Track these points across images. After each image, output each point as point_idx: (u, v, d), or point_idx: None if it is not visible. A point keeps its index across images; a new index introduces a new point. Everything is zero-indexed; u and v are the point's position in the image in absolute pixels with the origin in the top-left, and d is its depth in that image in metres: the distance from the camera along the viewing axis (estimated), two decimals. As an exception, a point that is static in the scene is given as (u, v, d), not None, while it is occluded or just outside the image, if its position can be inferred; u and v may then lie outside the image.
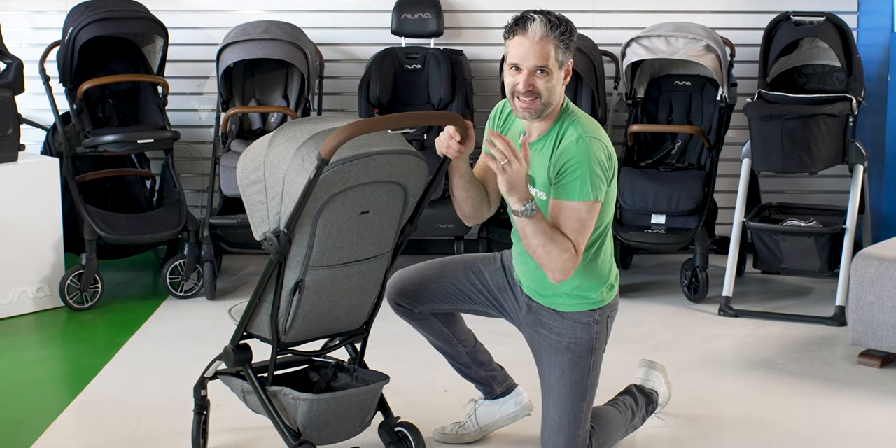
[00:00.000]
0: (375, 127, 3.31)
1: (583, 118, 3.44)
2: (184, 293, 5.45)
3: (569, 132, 3.40)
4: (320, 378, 3.71)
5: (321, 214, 3.30)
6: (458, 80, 5.76)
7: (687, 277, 5.41)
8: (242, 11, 6.09)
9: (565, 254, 3.32)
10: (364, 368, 3.71)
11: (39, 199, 5.27)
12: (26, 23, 6.11)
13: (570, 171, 3.35)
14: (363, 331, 3.68)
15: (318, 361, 3.74)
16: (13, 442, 3.89)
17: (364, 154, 3.28)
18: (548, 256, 3.33)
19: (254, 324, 3.50)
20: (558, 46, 3.36)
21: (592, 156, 3.35)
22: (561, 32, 3.36)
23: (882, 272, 4.46)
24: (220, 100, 5.65)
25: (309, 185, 3.21)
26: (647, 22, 5.81)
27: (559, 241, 3.32)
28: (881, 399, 4.27)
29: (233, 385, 3.64)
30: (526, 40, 3.35)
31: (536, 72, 3.35)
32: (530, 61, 3.35)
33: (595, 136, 3.38)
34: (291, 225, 3.28)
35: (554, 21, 3.37)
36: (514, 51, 3.38)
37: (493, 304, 3.69)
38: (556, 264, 3.33)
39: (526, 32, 3.35)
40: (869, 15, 5.89)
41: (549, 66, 3.35)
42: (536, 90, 3.36)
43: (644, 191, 5.40)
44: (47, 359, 4.81)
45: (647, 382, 3.98)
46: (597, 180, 3.35)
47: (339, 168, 3.24)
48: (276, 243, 3.31)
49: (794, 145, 5.12)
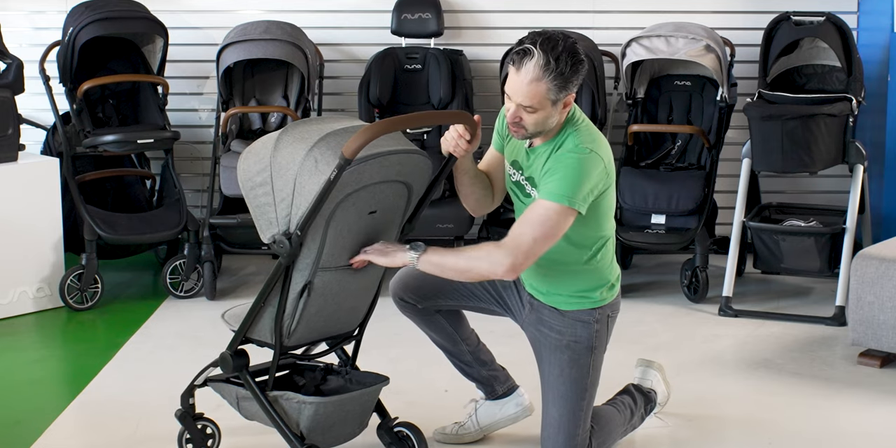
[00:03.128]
0: (396, 127, 3.30)
1: (585, 129, 3.42)
2: (184, 293, 5.45)
3: (568, 140, 3.38)
4: (307, 381, 3.64)
5: (334, 215, 3.29)
6: (458, 80, 5.76)
7: (687, 277, 5.41)
8: (242, 11, 6.09)
9: (488, 254, 3.29)
10: (356, 370, 3.69)
11: (39, 199, 5.27)
12: (26, 23, 6.11)
13: (555, 172, 3.33)
14: (357, 333, 3.67)
15: (302, 365, 3.68)
16: (13, 442, 3.89)
17: (377, 154, 3.28)
18: (476, 263, 3.31)
19: (254, 328, 3.45)
20: (551, 89, 3.26)
21: (583, 166, 3.32)
22: (555, 76, 3.24)
23: (882, 272, 4.46)
24: (220, 100, 5.65)
25: (328, 185, 3.19)
26: (647, 22, 5.81)
27: (472, 248, 3.33)
28: (881, 399, 4.27)
29: (225, 392, 3.58)
30: (518, 78, 3.27)
31: (526, 108, 3.31)
32: (518, 99, 3.30)
33: (593, 149, 3.35)
34: (306, 227, 3.25)
35: (551, 64, 3.22)
36: (509, 82, 3.32)
37: (497, 301, 3.69)
38: (487, 267, 3.29)
39: (519, 70, 3.26)
40: (869, 15, 5.89)
41: (534, 106, 3.29)
42: (522, 123, 3.34)
43: (644, 191, 5.40)
44: (47, 359, 4.81)
45: (645, 381, 3.98)
46: (577, 190, 3.29)
47: (354, 168, 3.22)
48: (288, 246, 3.27)
49: (794, 145, 5.12)
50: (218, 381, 3.58)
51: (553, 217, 3.29)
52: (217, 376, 3.58)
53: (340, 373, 3.68)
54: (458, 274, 3.37)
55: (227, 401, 3.61)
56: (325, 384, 3.66)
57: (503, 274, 3.29)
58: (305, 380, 3.65)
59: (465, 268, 3.33)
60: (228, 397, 3.59)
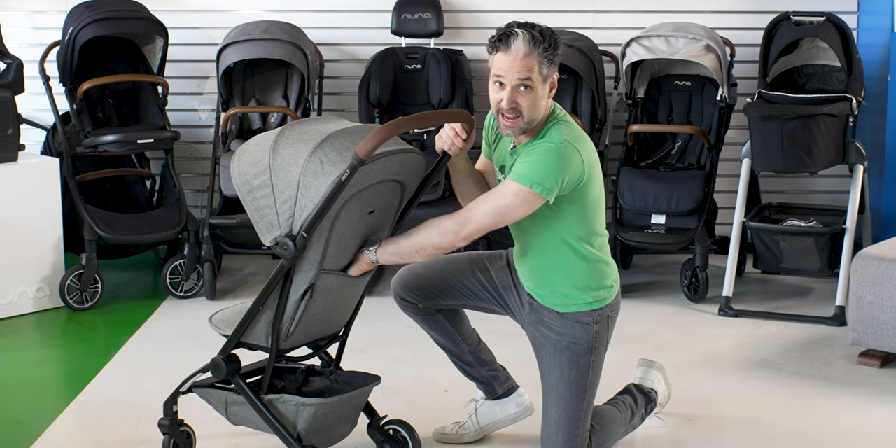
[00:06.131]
0: (406, 127, 3.31)
1: (565, 125, 3.43)
2: (184, 293, 5.45)
3: (549, 133, 3.41)
4: (288, 384, 3.59)
5: (338, 216, 3.29)
6: (458, 80, 5.76)
7: (687, 277, 5.41)
8: (242, 11, 6.09)
9: (436, 225, 3.36)
10: (341, 370, 3.67)
11: (39, 199, 5.27)
12: (26, 23, 6.11)
13: (527, 156, 3.36)
14: (343, 333, 3.65)
15: (281, 367, 3.61)
16: (13, 442, 3.89)
17: (382, 153, 3.28)
18: (426, 237, 3.36)
19: (249, 332, 3.41)
20: (542, 62, 3.34)
21: (556, 155, 3.33)
22: (545, 48, 3.33)
23: (882, 272, 4.46)
24: (220, 100, 5.65)
25: (340, 186, 3.18)
26: (647, 22, 5.81)
27: (421, 226, 3.38)
28: (881, 399, 4.27)
29: (212, 397, 3.53)
30: (509, 57, 3.33)
31: (520, 87, 3.33)
32: (513, 76, 3.33)
33: (571, 142, 3.37)
34: (312, 228, 3.24)
35: (538, 37, 3.33)
36: (498, 66, 3.36)
37: (498, 301, 3.69)
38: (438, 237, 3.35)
39: (509, 49, 3.33)
40: (869, 15, 5.89)
41: (532, 80, 3.33)
42: (519, 108, 3.35)
43: (644, 191, 5.40)
44: (47, 359, 4.81)
45: (646, 381, 3.98)
46: (545, 176, 3.30)
47: (361, 168, 3.21)
48: (293, 248, 3.25)
49: (794, 145, 5.12)
50: (204, 387, 3.53)
51: (510, 196, 3.32)
52: (202, 382, 3.54)
53: (324, 373, 3.65)
54: (416, 253, 3.41)
55: (213, 406, 3.57)
56: (308, 385, 3.62)
57: (451, 242, 3.36)
58: (286, 382, 3.59)
59: (419, 245, 3.38)
60: (216, 403, 3.54)
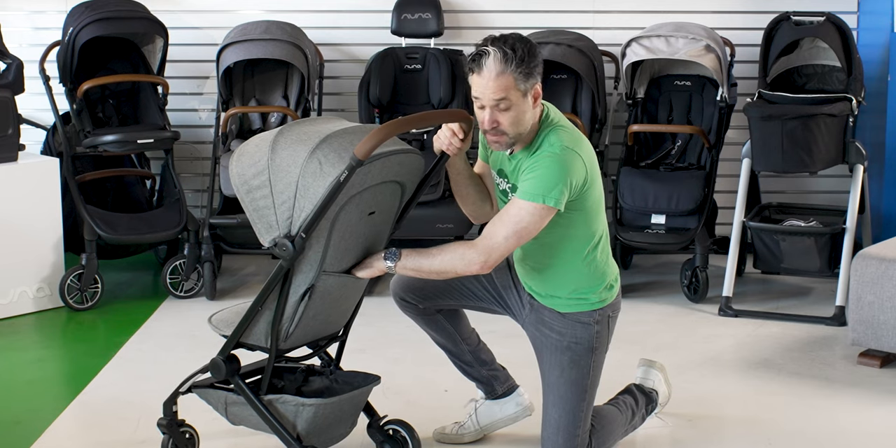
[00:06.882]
0: (406, 127, 3.31)
1: (561, 128, 3.42)
2: (184, 293, 5.45)
3: (546, 141, 3.39)
4: (287, 384, 3.59)
5: (338, 217, 3.28)
6: (458, 80, 5.76)
7: (687, 277, 5.41)
8: (242, 11, 6.09)
9: (462, 255, 3.34)
10: (341, 370, 3.67)
11: (39, 199, 5.27)
12: (26, 23, 6.11)
13: (532, 171, 3.35)
14: (342, 333, 3.65)
15: (281, 367, 3.61)
16: (13, 442, 3.89)
17: (381, 154, 3.27)
18: (451, 265, 3.37)
19: (249, 332, 3.41)
20: (517, 78, 3.29)
21: (560, 164, 3.32)
22: (517, 63, 3.28)
23: (882, 272, 4.46)
24: (220, 100, 5.65)
25: (337, 187, 3.18)
26: (647, 22, 5.81)
27: (445, 250, 3.37)
28: (881, 399, 4.27)
29: (211, 397, 3.53)
30: (483, 79, 3.30)
31: (499, 105, 3.31)
32: (489, 97, 3.31)
33: (571, 147, 3.36)
34: (310, 229, 3.23)
35: (509, 53, 3.27)
36: (475, 88, 3.34)
37: (498, 301, 3.69)
38: (462, 267, 3.36)
39: (482, 71, 3.30)
40: (869, 15, 5.89)
41: (509, 98, 3.30)
42: (500, 126, 3.34)
43: (644, 191, 5.40)
44: (47, 359, 4.81)
45: (647, 381, 3.98)
46: (552, 187, 3.30)
47: (360, 169, 3.21)
48: (292, 249, 3.25)
49: (794, 145, 5.12)
50: (203, 387, 3.53)
51: (525, 217, 3.32)
52: (201, 382, 3.54)
53: (324, 373, 3.65)
54: (436, 275, 3.43)
55: (213, 407, 3.57)
56: (308, 385, 3.62)
57: (478, 271, 3.38)
58: (285, 382, 3.60)
59: (442, 270, 3.39)
60: (215, 403, 3.54)
